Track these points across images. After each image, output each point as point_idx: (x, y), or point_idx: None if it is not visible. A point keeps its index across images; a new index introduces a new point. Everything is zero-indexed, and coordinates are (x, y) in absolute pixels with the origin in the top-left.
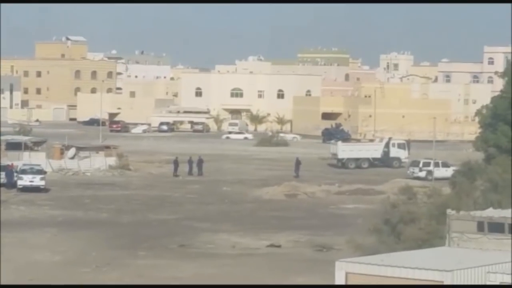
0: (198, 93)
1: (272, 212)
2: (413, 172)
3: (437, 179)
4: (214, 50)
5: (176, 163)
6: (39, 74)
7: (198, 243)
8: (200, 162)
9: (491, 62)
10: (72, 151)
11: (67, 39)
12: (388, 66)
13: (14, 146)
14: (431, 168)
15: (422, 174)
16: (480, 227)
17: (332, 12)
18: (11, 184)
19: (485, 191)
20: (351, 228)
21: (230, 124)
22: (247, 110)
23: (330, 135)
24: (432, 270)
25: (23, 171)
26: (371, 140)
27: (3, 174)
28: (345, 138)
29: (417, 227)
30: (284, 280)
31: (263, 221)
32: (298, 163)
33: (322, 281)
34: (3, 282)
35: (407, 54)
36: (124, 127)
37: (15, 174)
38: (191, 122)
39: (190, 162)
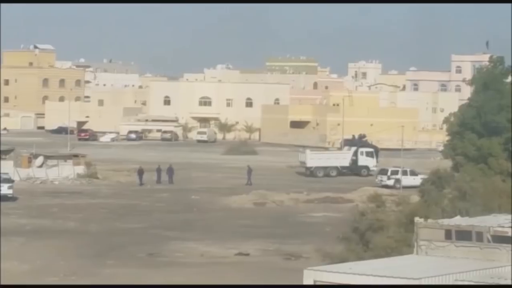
0: (167, 102)
1: (241, 221)
2: (382, 180)
3: (405, 187)
4: (182, 58)
5: (140, 172)
6: (6, 82)
7: (166, 252)
8: (170, 170)
9: (458, 70)
10: (40, 160)
11: (35, 47)
12: (356, 74)
13: None
14: (399, 176)
15: (391, 182)
16: (448, 235)
17: (299, 20)
18: None
19: (453, 199)
20: (320, 236)
21: (199, 133)
22: (216, 119)
23: (353, 145)
24: (400, 278)
25: None
26: (339, 149)
27: None
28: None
29: (385, 235)
30: None
31: (232, 230)
32: (249, 170)
33: None
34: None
35: (375, 63)
36: (93, 136)
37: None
38: (160, 131)
39: (158, 170)
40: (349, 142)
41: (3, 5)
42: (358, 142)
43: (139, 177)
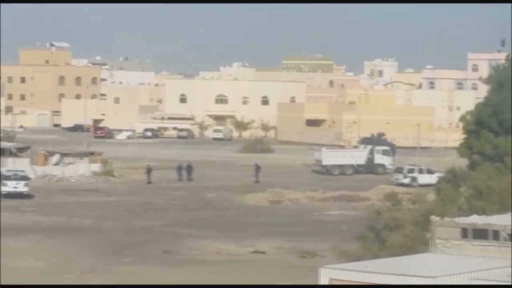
0: (183, 99)
1: (257, 219)
2: (398, 179)
3: (421, 185)
4: (198, 56)
5: (149, 171)
6: (23, 80)
7: (182, 250)
8: (190, 168)
9: (475, 68)
10: (56, 157)
11: (51, 45)
12: (372, 72)
13: None
14: (415, 174)
15: (407, 180)
16: (464, 233)
17: (316, 18)
18: None
19: (469, 197)
20: (336, 234)
21: (215, 131)
22: (232, 117)
23: (371, 144)
24: (416, 276)
25: (7, 177)
26: (355, 147)
27: None
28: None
29: (401, 233)
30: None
31: (248, 228)
32: (257, 168)
33: None
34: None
35: (391, 61)
36: (109, 133)
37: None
38: (176, 129)
39: (179, 168)
40: (366, 140)
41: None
42: (376, 140)
43: (147, 176)
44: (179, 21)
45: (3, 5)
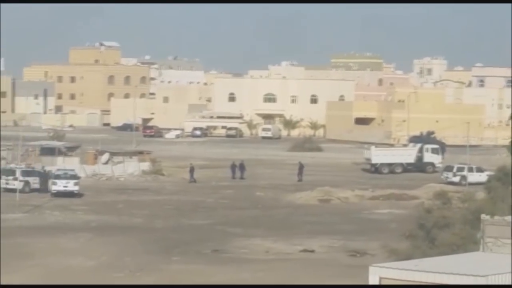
0: (231, 98)
1: (306, 217)
2: (447, 177)
3: (471, 184)
4: (247, 55)
5: (192, 170)
6: (73, 79)
7: (231, 248)
8: (242, 166)
9: None
10: (105, 156)
11: (101, 44)
12: (421, 71)
13: (48, 152)
14: (465, 173)
15: (456, 179)
16: None
17: (364, 16)
18: (44, 189)
19: None
20: (385, 233)
21: (263, 129)
22: (280, 115)
23: (420, 142)
24: (466, 275)
25: (57, 176)
26: (405, 145)
27: (36, 179)
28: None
29: (451, 232)
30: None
31: (297, 226)
32: (301, 167)
33: None
34: (3, 282)
35: (440, 59)
36: (158, 132)
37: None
38: (224, 127)
39: (233, 167)
40: (416, 139)
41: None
42: (426, 138)
43: (190, 174)
44: (227, 20)
45: (52, 5)
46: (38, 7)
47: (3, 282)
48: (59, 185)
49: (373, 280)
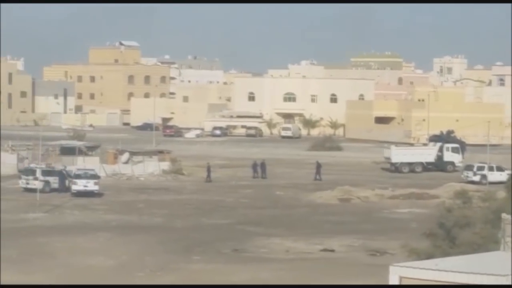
0: (251, 98)
1: (326, 217)
2: (467, 176)
3: (491, 183)
4: (266, 54)
5: (209, 169)
6: (92, 79)
7: (251, 248)
8: (263, 165)
9: None
10: (125, 156)
11: (121, 44)
12: (441, 69)
13: (68, 151)
14: (485, 172)
15: (476, 178)
16: None
17: (384, 15)
18: (63, 189)
19: None
20: (405, 232)
21: (283, 129)
22: (300, 115)
23: (441, 141)
24: (487, 275)
25: (77, 176)
26: (425, 144)
27: (56, 179)
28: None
29: (472, 231)
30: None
31: (317, 226)
32: (318, 166)
33: None
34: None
35: (460, 58)
36: (178, 132)
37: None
38: (244, 127)
39: (254, 166)
40: (436, 138)
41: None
42: (446, 138)
43: (207, 173)
44: (247, 20)
45: (71, 5)
46: (58, 7)
47: (23, 282)
48: (79, 185)
49: (393, 280)
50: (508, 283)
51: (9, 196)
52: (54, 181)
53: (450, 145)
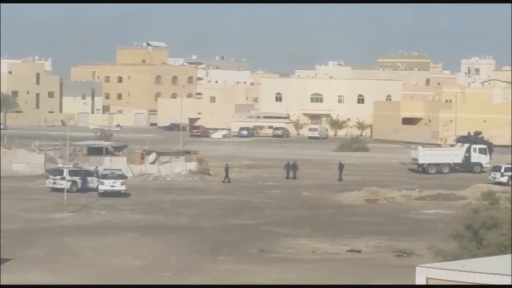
0: (278, 98)
1: (352, 217)
2: (495, 177)
3: None
4: (294, 55)
5: (227, 169)
6: (120, 79)
7: (278, 248)
8: (295, 166)
9: None
10: (152, 156)
11: (148, 44)
12: (469, 70)
13: (96, 151)
14: None
15: (504, 179)
16: None
17: (413, 16)
18: (85, 189)
19: None
20: (432, 233)
21: (310, 129)
22: (327, 115)
23: (468, 142)
24: None
25: (104, 176)
26: (452, 145)
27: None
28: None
29: (499, 232)
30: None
31: (343, 226)
32: (341, 166)
33: None
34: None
35: (488, 59)
36: (204, 132)
37: (95, 179)
38: (271, 127)
39: (287, 166)
40: (463, 139)
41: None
42: (473, 139)
43: (225, 174)
44: (274, 20)
45: (99, 5)
46: (85, 7)
47: (50, 282)
48: (106, 185)
49: (420, 281)
50: None
51: (37, 196)
52: (81, 181)
53: (477, 146)
